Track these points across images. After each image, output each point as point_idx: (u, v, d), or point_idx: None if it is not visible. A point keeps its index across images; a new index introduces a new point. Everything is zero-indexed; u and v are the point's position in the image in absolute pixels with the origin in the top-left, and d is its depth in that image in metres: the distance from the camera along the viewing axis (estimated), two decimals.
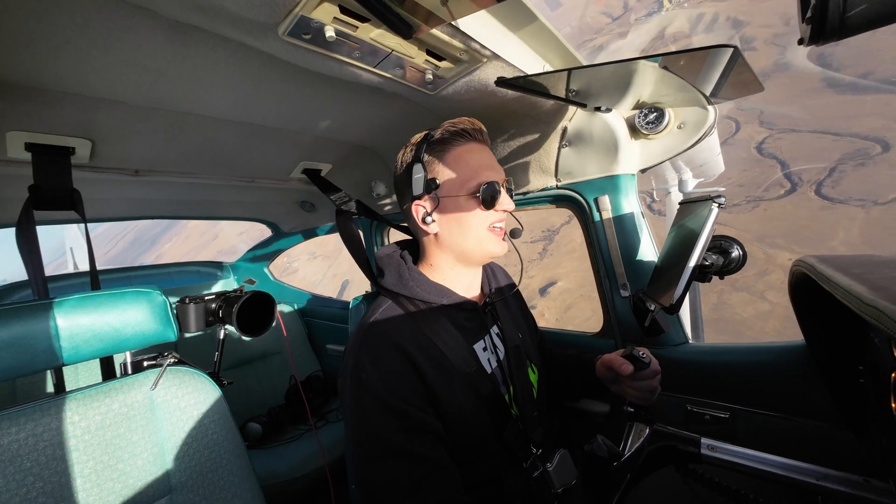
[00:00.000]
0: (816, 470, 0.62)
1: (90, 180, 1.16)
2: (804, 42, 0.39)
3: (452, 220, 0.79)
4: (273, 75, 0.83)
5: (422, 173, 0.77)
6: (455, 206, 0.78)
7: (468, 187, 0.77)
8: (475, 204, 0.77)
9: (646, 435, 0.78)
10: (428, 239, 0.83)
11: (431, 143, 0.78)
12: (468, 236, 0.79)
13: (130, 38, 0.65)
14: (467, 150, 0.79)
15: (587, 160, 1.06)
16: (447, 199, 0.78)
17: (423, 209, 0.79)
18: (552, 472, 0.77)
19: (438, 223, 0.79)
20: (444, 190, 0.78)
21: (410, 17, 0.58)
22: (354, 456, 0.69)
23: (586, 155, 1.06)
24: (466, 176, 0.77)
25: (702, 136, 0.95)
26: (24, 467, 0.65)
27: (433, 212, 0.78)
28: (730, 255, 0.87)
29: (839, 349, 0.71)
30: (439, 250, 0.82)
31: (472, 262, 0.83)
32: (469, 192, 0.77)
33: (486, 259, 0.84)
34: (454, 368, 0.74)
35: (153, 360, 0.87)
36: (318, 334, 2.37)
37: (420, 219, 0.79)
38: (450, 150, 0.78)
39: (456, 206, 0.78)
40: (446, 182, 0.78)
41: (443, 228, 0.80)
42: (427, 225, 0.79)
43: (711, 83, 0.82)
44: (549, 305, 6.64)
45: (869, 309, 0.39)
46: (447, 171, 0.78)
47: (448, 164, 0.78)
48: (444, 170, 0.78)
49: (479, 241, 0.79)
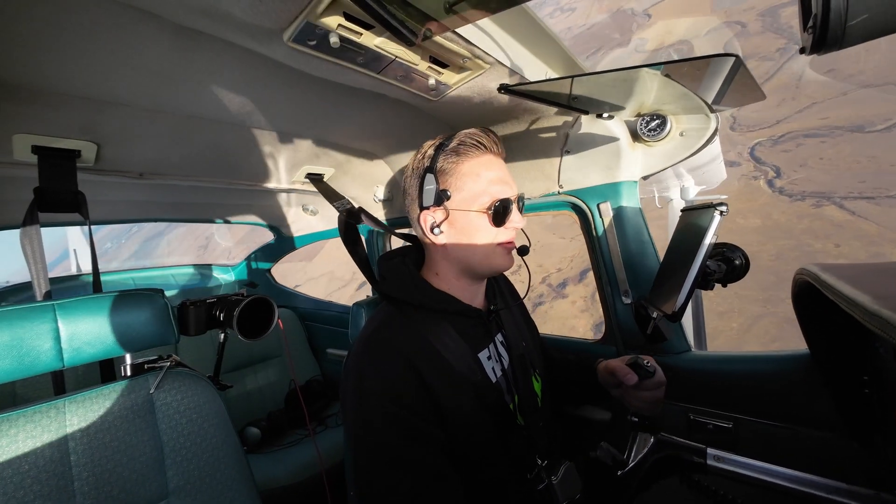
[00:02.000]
0: (826, 483, 0.61)
1: (94, 183, 1.17)
2: (806, 51, 0.39)
3: (461, 233, 0.77)
4: (277, 81, 0.83)
5: (433, 185, 0.76)
6: (465, 220, 0.76)
7: (480, 202, 0.75)
8: (486, 219, 0.76)
9: (650, 444, 0.78)
10: (434, 248, 0.81)
11: (446, 153, 0.77)
12: (476, 250, 0.77)
13: (136, 42, 0.65)
14: (481, 163, 0.77)
15: (589, 167, 1.06)
16: (457, 212, 0.76)
17: (431, 219, 0.78)
18: (557, 486, 0.76)
19: (447, 234, 0.78)
20: (455, 202, 0.76)
21: (414, 24, 0.58)
22: (355, 464, 0.69)
23: (588, 162, 1.06)
24: (478, 190, 0.76)
25: (704, 143, 0.95)
26: (23, 470, 0.65)
27: (442, 223, 0.77)
28: (732, 262, 0.87)
29: (843, 358, 0.70)
30: (445, 260, 0.81)
31: (478, 274, 0.82)
32: (480, 208, 0.76)
33: (492, 273, 0.82)
34: (458, 377, 0.73)
35: (153, 362, 0.87)
36: (318, 338, 2.36)
37: (428, 228, 0.78)
38: (463, 162, 0.76)
39: (466, 219, 0.76)
40: (458, 195, 0.76)
41: (451, 240, 0.78)
42: (435, 235, 0.78)
43: (713, 91, 0.83)
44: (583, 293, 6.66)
45: (873, 318, 0.39)
46: (459, 184, 0.76)
47: (461, 177, 0.76)
48: (456, 182, 0.76)
49: (486, 256, 0.78)
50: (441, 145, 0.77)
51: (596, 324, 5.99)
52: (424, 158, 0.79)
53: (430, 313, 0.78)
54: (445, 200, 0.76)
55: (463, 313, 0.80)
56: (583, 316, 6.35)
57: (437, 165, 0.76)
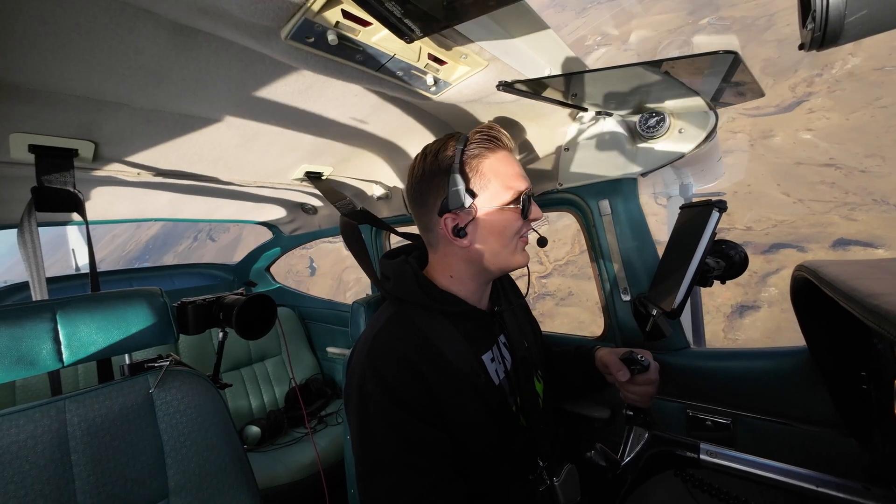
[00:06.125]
0: (816, 476, 0.61)
1: (92, 182, 1.16)
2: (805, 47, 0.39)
3: (488, 232, 0.75)
4: (276, 78, 0.83)
5: (461, 185, 0.73)
6: (492, 218, 0.75)
7: (505, 198, 0.74)
8: (513, 214, 0.75)
9: (645, 439, 0.78)
10: (453, 250, 0.78)
11: (467, 152, 0.74)
12: (501, 248, 0.76)
13: (134, 40, 0.65)
14: (499, 159, 0.76)
15: (588, 164, 1.06)
16: (485, 211, 0.75)
17: (455, 221, 0.75)
18: (559, 487, 0.76)
19: (471, 235, 0.75)
20: (482, 201, 0.74)
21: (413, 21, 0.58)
22: (358, 467, 0.69)
23: (587, 159, 1.06)
24: (503, 186, 0.74)
25: (703, 140, 0.95)
26: (23, 469, 0.65)
27: (468, 224, 0.75)
28: (731, 258, 0.87)
29: (842, 355, 0.71)
30: (463, 261, 0.78)
31: (496, 273, 0.81)
32: (507, 203, 0.74)
33: (511, 269, 0.81)
34: (462, 379, 0.73)
35: (152, 361, 0.87)
36: (318, 337, 2.36)
37: (450, 231, 0.75)
38: (485, 160, 0.75)
39: (493, 217, 0.74)
40: (484, 193, 0.74)
41: (475, 240, 0.76)
42: (459, 238, 0.75)
43: (713, 88, 0.83)
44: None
45: (871, 314, 0.39)
46: (484, 182, 0.74)
47: (485, 175, 0.74)
48: (480, 180, 0.74)
49: (512, 252, 0.77)
50: (457, 144, 0.75)
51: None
52: (443, 159, 0.75)
53: (434, 314, 0.77)
54: (473, 200, 0.74)
55: (467, 314, 0.79)
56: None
57: (462, 165, 0.74)
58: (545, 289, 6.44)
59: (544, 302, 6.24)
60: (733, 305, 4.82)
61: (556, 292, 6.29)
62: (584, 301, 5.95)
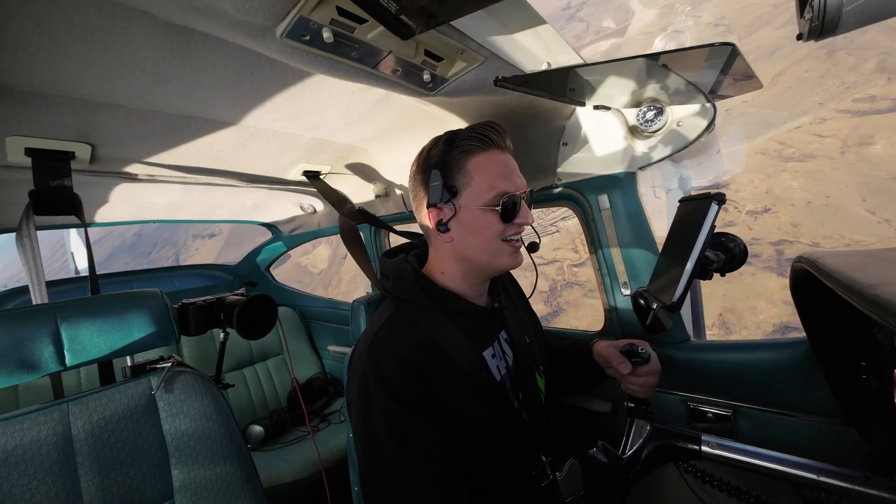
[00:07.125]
0: (817, 465, 0.62)
1: (90, 184, 1.16)
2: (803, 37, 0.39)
3: (468, 231, 0.75)
4: (271, 77, 0.82)
5: (439, 181, 0.74)
6: (472, 217, 0.75)
7: (487, 198, 0.73)
8: (493, 216, 0.74)
9: (647, 432, 0.79)
10: (441, 246, 0.80)
11: (452, 149, 0.75)
12: (483, 248, 0.76)
13: (129, 41, 0.65)
14: (488, 157, 0.75)
15: (587, 158, 1.06)
16: (465, 209, 0.75)
17: (438, 216, 0.76)
18: (561, 482, 0.76)
19: (453, 232, 0.76)
20: (463, 199, 0.75)
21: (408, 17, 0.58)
22: (361, 465, 0.69)
23: (586, 153, 1.06)
24: (486, 186, 0.74)
25: (701, 133, 0.95)
26: (29, 472, 0.65)
27: (449, 220, 0.75)
28: (731, 251, 0.87)
29: (841, 345, 0.71)
30: (452, 259, 0.80)
31: (485, 273, 0.81)
32: (487, 203, 0.73)
33: (499, 272, 0.81)
34: (463, 376, 0.73)
35: (154, 363, 0.87)
36: (319, 336, 2.37)
37: (434, 226, 0.77)
38: (471, 158, 0.75)
39: (473, 216, 0.74)
40: (465, 191, 0.75)
41: (458, 237, 0.76)
42: (441, 233, 0.76)
43: (711, 81, 0.82)
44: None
45: (871, 305, 0.39)
46: (466, 179, 0.74)
47: (468, 172, 0.74)
48: (463, 178, 0.75)
49: (494, 254, 0.76)
50: (447, 141, 0.76)
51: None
52: (430, 155, 0.77)
53: (434, 312, 0.77)
54: (452, 197, 0.74)
55: (467, 311, 0.79)
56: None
57: (444, 161, 0.75)
58: (575, 277, 5.94)
59: (572, 291, 5.83)
60: (776, 325, 4.19)
61: (585, 283, 5.87)
62: None
